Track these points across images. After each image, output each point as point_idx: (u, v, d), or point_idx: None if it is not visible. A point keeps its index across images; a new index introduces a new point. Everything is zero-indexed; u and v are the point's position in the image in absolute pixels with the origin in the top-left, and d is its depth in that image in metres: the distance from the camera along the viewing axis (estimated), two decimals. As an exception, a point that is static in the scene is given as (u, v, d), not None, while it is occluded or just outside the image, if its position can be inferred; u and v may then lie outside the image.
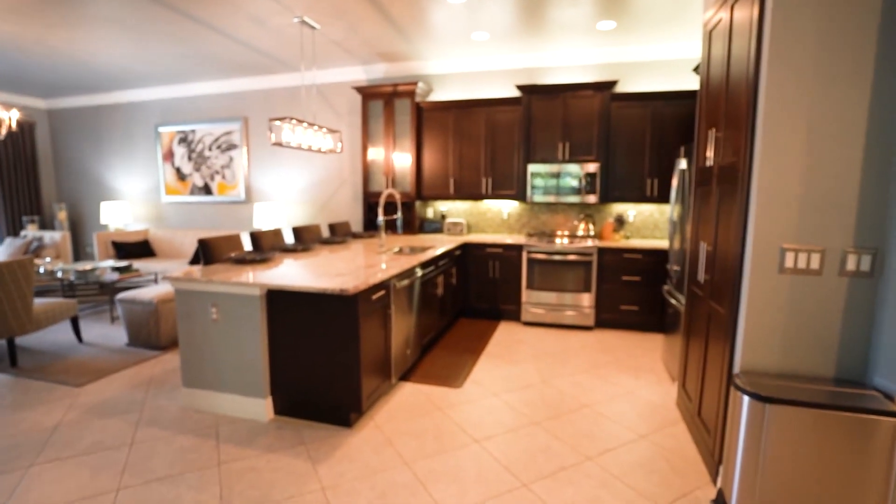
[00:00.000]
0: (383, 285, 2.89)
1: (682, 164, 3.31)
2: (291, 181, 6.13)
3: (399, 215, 4.02)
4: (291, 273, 2.85)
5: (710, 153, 2.48)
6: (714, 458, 2.18)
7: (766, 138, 1.87)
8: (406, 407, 2.99)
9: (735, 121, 2.12)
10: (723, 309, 2.19)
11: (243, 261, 3.19)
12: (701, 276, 2.53)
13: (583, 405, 3.03)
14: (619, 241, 4.65)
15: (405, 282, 3.21)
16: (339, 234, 5.04)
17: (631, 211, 5.02)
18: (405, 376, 3.43)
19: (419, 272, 3.50)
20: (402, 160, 5.22)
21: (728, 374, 2.08)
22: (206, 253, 3.31)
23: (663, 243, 4.52)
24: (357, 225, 5.92)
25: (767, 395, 1.74)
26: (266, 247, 3.95)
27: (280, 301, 2.71)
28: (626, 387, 3.31)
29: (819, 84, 1.80)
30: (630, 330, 4.63)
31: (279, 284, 2.55)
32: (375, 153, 5.32)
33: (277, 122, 3.80)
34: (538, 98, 4.75)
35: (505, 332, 4.54)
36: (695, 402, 2.58)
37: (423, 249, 4.24)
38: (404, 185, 5.25)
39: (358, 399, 2.64)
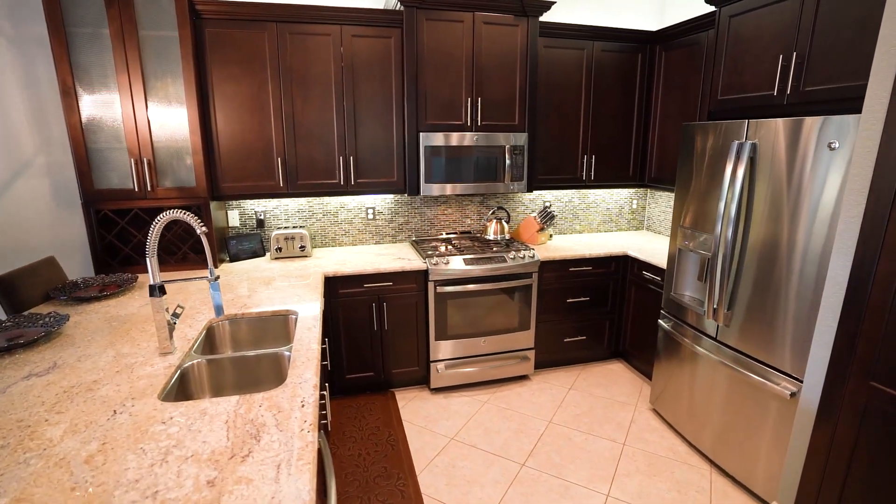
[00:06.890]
0: None
1: (753, 137, 1.99)
2: None
3: (209, 261, 1.62)
4: None
5: None
6: None
7: None
8: None
9: None
10: None
11: None
12: None
13: None
14: (549, 246, 3.24)
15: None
16: (25, 302, 2.15)
17: (550, 199, 3.65)
18: None
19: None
20: (171, 119, 2.57)
21: None
22: None
23: (606, 242, 3.28)
24: (78, 262, 2.91)
25: None
26: None
27: None
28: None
29: None
30: (575, 364, 3.36)
31: None
32: (100, 105, 2.49)
33: None
34: (432, 17, 2.79)
35: (421, 422, 2.67)
36: None
37: (259, 322, 1.98)
38: (179, 173, 2.63)
39: None
